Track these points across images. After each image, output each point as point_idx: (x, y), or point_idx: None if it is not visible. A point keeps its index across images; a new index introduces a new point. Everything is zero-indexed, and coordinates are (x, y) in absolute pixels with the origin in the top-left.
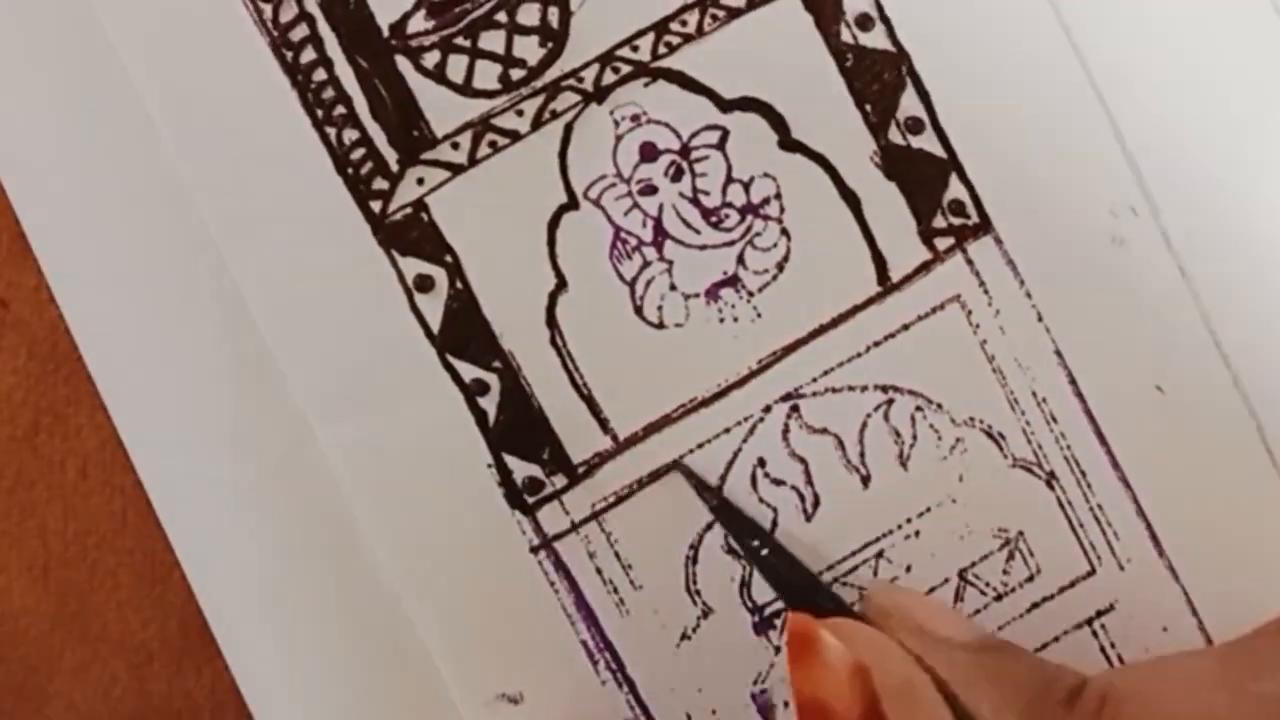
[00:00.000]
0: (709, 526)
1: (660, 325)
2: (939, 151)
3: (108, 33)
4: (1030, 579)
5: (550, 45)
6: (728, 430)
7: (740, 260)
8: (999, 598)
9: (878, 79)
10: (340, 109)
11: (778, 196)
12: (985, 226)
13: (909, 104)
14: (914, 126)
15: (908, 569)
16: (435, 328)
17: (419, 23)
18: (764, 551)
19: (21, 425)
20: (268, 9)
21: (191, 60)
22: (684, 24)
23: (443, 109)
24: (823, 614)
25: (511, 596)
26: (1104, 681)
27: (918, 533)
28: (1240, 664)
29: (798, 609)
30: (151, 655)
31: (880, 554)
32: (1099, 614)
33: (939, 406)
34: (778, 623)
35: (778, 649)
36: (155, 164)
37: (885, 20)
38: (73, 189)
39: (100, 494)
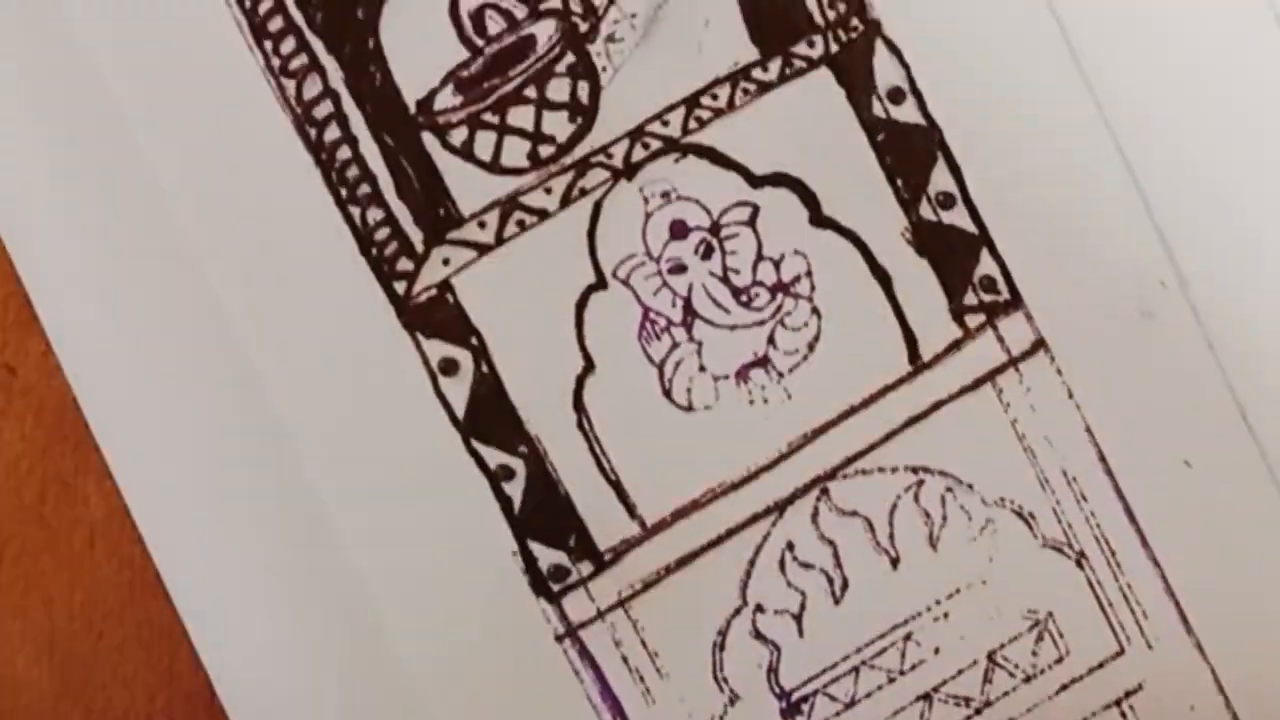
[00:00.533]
0: (737, 612)
1: (689, 408)
2: (970, 227)
3: (126, 109)
4: (1059, 660)
5: (580, 121)
6: (756, 515)
7: (771, 340)
8: (1028, 679)
9: (909, 154)
10: (365, 188)
11: (808, 274)
12: (1016, 302)
13: (940, 179)
14: (945, 202)
15: (936, 651)
16: (460, 413)
17: (446, 99)
18: None
19: (28, 494)
20: (290, 85)
21: (213, 137)
22: (715, 98)
23: (470, 187)
24: None
25: (535, 686)
26: None
27: (947, 615)
28: None
29: None
30: None
31: (909, 636)
32: (1127, 694)
33: (970, 487)
34: (805, 708)
35: None
36: (173, 240)
37: (917, 94)
38: (84, 263)
39: (108, 565)
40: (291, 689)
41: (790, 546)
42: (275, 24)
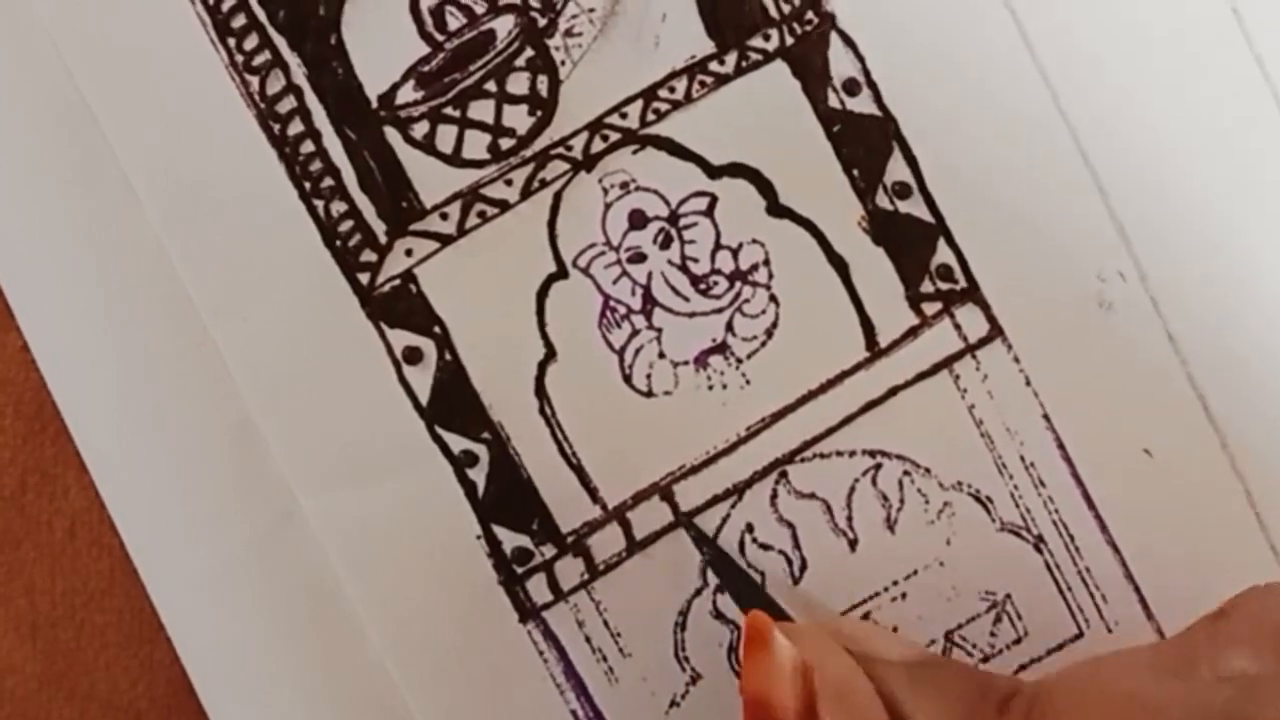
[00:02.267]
0: (697, 592)
1: (649, 394)
2: (926, 216)
3: (91, 104)
4: (1018, 641)
5: (539, 114)
6: (716, 497)
7: (729, 327)
8: (985, 660)
9: (865, 144)
10: (328, 180)
11: (766, 263)
12: (973, 291)
13: (896, 169)
14: (901, 191)
15: (894, 630)
16: (424, 400)
17: (408, 93)
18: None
19: (8, 485)
20: (254, 81)
21: (177, 131)
22: (672, 91)
23: (432, 179)
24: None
25: (500, 667)
26: (1037, 684)
27: (904, 595)
28: (1172, 654)
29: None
30: (139, 714)
31: (867, 615)
32: None
33: (927, 471)
34: None
35: None
36: (140, 234)
37: (872, 85)
38: (55, 258)
39: (88, 553)
40: (261, 672)
41: (749, 528)
42: (238, 21)
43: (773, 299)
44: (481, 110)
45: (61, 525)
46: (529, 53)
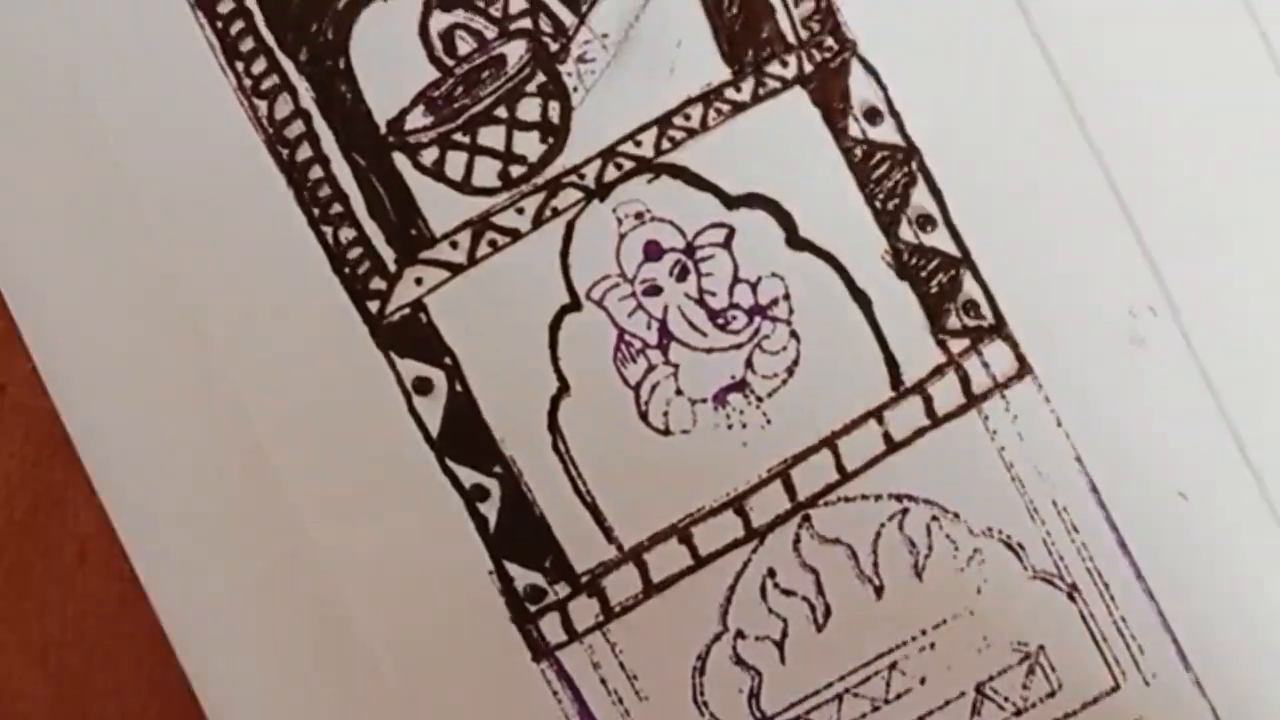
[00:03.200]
0: (717, 637)
1: (666, 432)
2: (952, 249)
3: (103, 128)
4: (1051, 694)
5: (551, 141)
6: (737, 541)
7: (749, 364)
8: (1018, 713)
9: (888, 175)
10: (337, 207)
11: (786, 297)
12: (1000, 327)
13: (920, 200)
14: (926, 223)
15: (922, 681)
16: (434, 431)
17: (417, 119)
18: None
19: (20, 509)
20: (263, 105)
21: (188, 157)
22: (687, 118)
23: (441, 207)
24: None
25: (513, 705)
26: None
27: (933, 645)
28: None
29: None
30: None
31: (894, 665)
32: None
33: (956, 516)
34: None
35: None
36: (150, 260)
37: (894, 114)
38: (66, 284)
39: (98, 577)
40: (272, 699)
41: (771, 573)
42: (246, 45)
43: (793, 335)
44: (492, 137)
45: (72, 549)
46: (540, 78)
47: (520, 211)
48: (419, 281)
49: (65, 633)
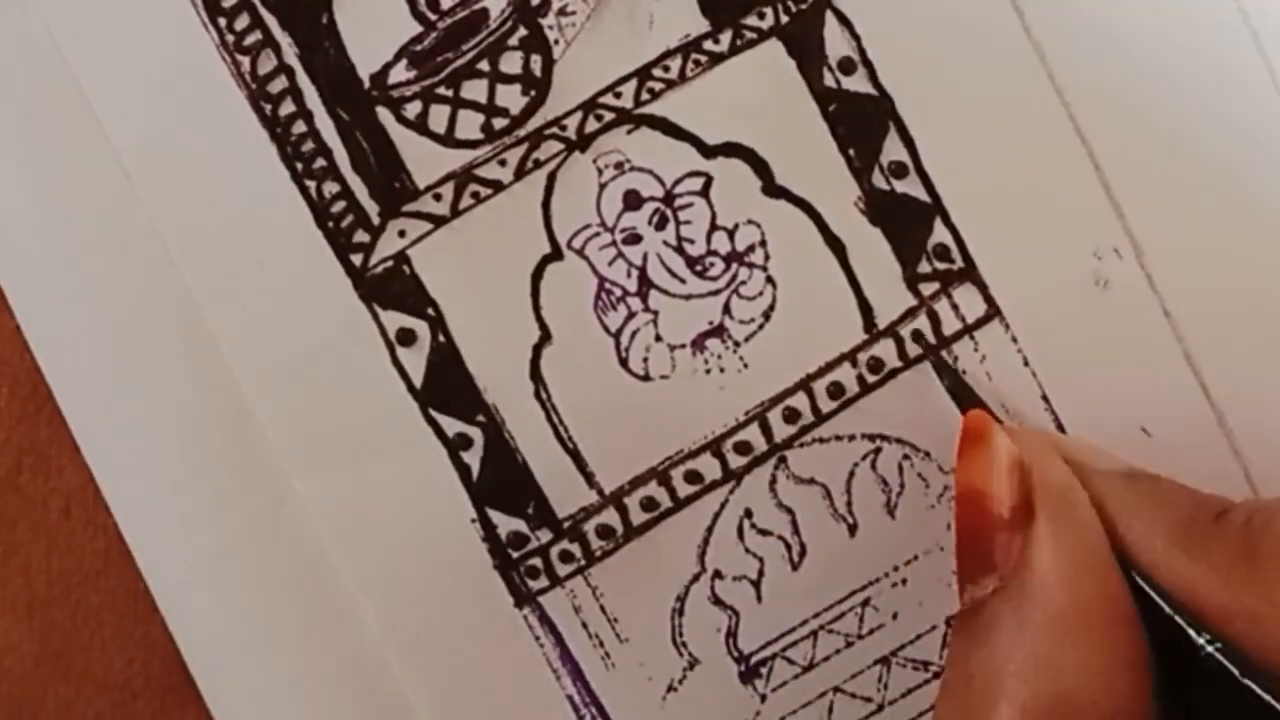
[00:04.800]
0: (695, 578)
1: (646, 377)
2: (923, 196)
3: (82, 84)
4: None
5: (533, 94)
6: (714, 483)
7: (726, 309)
8: None
9: (861, 123)
10: (320, 161)
11: (763, 244)
12: (970, 271)
13: (892, 148)
14: (898, 171)
15: (894, 616)
16: (418, 382)
17: (400, 73)
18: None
19: (3, 466)
20: (245, 61)
21: (168, 112)
22: (666, 70)
23: (425, 160)
24: None
25: (496, 651)
26: (1255, 501)
27: (905, 580)
28: None
29: None
30: (135, 693)
31: (867, 601)
32: None
33: (927, 455)
34: (764, 670)
35: (764, 697)
36: (131, 215)
37: (868, 64)
38: (48, 240)
39: (83, 533)
40: (256, 653)
41: (748, 514)
42: (229, 1)
43: (770, 281)
44: (475, 90)
45: (57, 505)
46: (522, 31)
47: (503, 163)
48: (402, 234)
49: (50, 589)
